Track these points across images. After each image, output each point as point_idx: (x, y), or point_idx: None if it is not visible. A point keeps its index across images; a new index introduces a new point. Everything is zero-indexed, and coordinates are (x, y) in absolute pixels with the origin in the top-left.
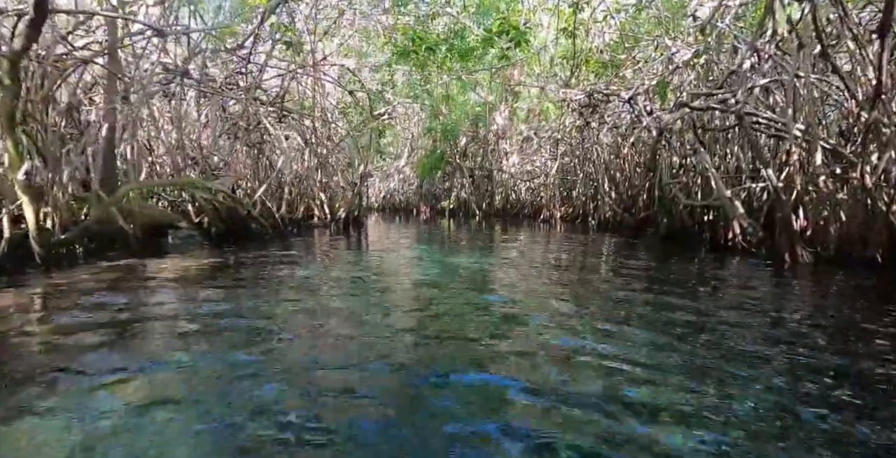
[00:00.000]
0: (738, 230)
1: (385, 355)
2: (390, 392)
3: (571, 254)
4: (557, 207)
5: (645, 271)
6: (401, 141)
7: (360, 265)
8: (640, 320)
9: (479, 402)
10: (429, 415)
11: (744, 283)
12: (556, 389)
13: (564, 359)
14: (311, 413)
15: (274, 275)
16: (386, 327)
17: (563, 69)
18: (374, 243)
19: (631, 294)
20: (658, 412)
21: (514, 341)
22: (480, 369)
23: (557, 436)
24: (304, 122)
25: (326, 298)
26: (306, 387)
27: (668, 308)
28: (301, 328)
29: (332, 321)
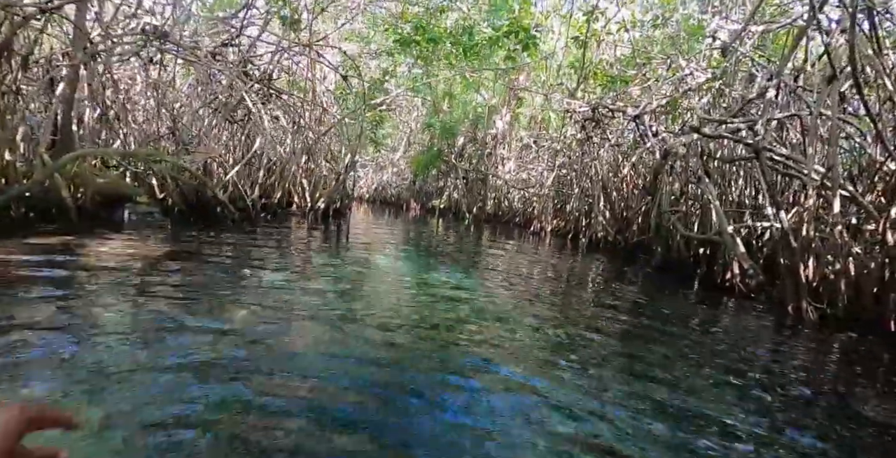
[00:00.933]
0: (737, 270)
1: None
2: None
3: (557, 278)
4: (549, 220)
5: (632, 310)
6: (399, 134)
7: (314, 274)
8: (613, 380)
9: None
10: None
11: (739, 336)
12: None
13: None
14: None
15: (208, 278)
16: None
17: (570, 79)
18: (349, 240)
19: (610, 341)
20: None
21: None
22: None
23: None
24: (294, 103)
25: (236, 332)
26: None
27: (648, 361)
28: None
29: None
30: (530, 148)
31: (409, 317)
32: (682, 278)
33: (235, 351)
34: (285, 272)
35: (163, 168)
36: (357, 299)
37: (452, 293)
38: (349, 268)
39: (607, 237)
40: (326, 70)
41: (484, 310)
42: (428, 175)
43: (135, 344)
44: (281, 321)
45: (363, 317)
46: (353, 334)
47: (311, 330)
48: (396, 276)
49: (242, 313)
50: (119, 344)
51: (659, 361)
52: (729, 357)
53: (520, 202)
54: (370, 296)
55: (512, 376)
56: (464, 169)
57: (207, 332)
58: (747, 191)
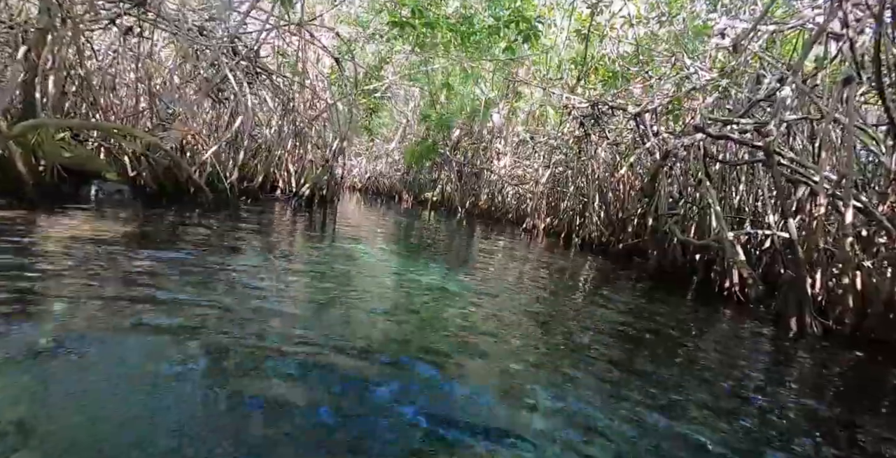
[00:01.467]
0: (736, 279)
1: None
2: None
3: (547, 281)
4: (542, 218)
5: (623, 317)
6: (395, 124)
7: (279, 266)
8: (595, 395)
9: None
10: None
11: (735, 350)
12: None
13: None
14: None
15: (162, 265)
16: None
17: (571, 76)
18: (333, 230)
19: (598, 351)
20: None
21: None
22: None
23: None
24: (282, 84)
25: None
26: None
27: (635, 372)
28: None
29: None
30: (527, 144)
31: (385, 327)
32: (678, 285)
33: (176, 355)
34: (249, 264)
35: (132, 144)
36: (327, 303)
37: (434, 296)
38: (325, 262)
39: (601, 238)
40: (321, 53)
41: (466, 318)
42: (422, 167)
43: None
44: (233, 325)
45: (332, 324)
46: (316, 346)
47: (265, 344)
48: (376, 274)
49: (190, 311)
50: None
51: (647, 373)
52: (724, 374)
53: (514, 199)
54: (344, 296)
55: (489, 390)
56: (458, 162)
57: (152, 332)
58: (748, 197)
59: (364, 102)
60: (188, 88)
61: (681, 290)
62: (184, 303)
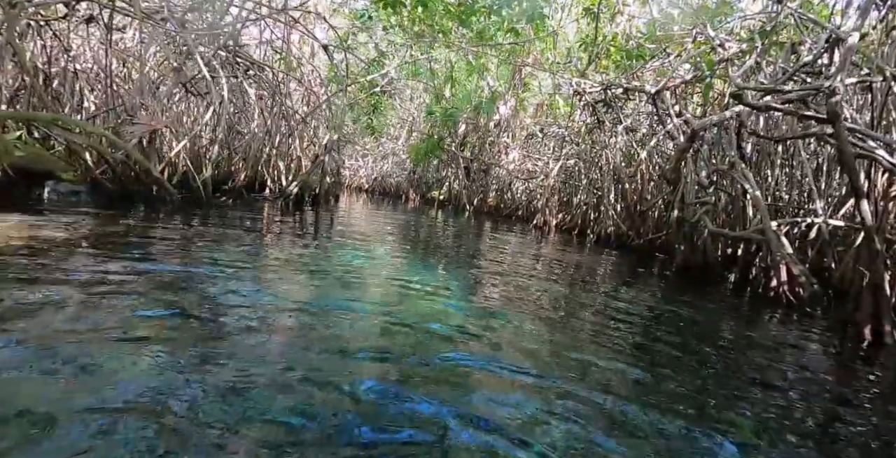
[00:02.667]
0: (784, 278)
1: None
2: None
3: (562, 280)
4: (554, 214)
5: (649, 324)
6: (401, 122)
7: (241, 277)
8: (620, 420)
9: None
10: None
11: (793, 365)
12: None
13: None
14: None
15: (97, 278)
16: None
17: (581, 61)
18: (328, 232)
19: (619, 366)
20: None
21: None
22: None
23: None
24: (268, 77)
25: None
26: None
27: (668, 393)
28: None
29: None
30: (536, 137)
31: (374, 348)
32: (710, 284)
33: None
34: (205, 276)
35: (74, 137)
36: (299, 326)
37: (431, 313)
38: (301, 273)
39: (618, 233)
40: (316, 48)
41: (470, 328)
42: (428, 164)
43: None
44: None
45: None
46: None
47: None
48: (365, 284)
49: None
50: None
51: (682, 394)
52: (783, 398)
53: (524, 194)
54: (323, 311)
55: (503, 405)
56: (465, 158)
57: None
58: (784, 181)
59: (365, 99)
60: (163, 79)
61: (715, 290)
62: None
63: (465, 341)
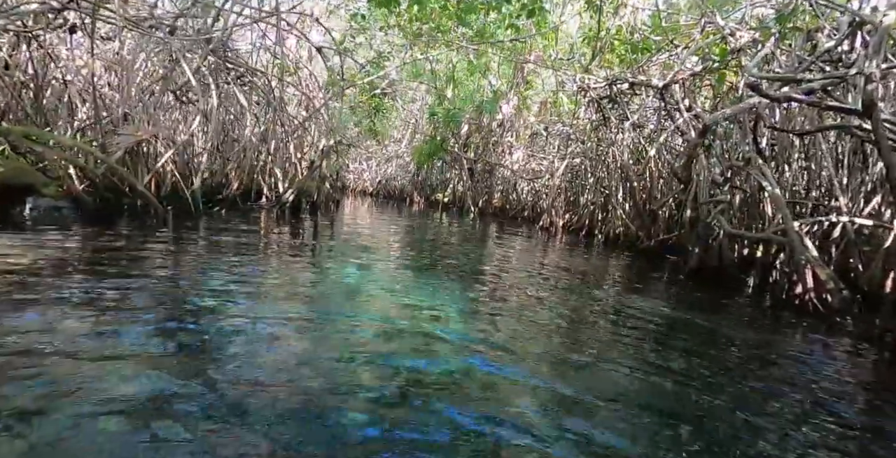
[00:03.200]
0: (809, 283)
1: None
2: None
3: (569, 289)
4: (560, 214)
5: (662, 334)
6: (403, 124)
7: (223, 297)
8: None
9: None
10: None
11: (827, 388)
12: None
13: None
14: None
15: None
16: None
17: (584, 57)
18: (316, 242)
19: (633, 386)
20: None
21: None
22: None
23: None
24: (261, 82)
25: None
26: None
27: (685, 419)
28: None
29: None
30: (540, 135)
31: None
32: (727, 289)
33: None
34: (181, 300)
35: (53, 153)
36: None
37: (427, 328)
38: (289, 287)
39: (627, 234)
40: (314, 51)
41: (469, 362)
42: (432, 166)
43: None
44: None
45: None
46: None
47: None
48: (356, 301)
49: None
50: None
51: (700, 419)
52: (815, 427)
53: (529, 195)
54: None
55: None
56: (469, 159)
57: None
58: (803, 178)
59: (365, 102)
60: (152, 88)
61: (732, 296)
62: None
63: (462, 386)
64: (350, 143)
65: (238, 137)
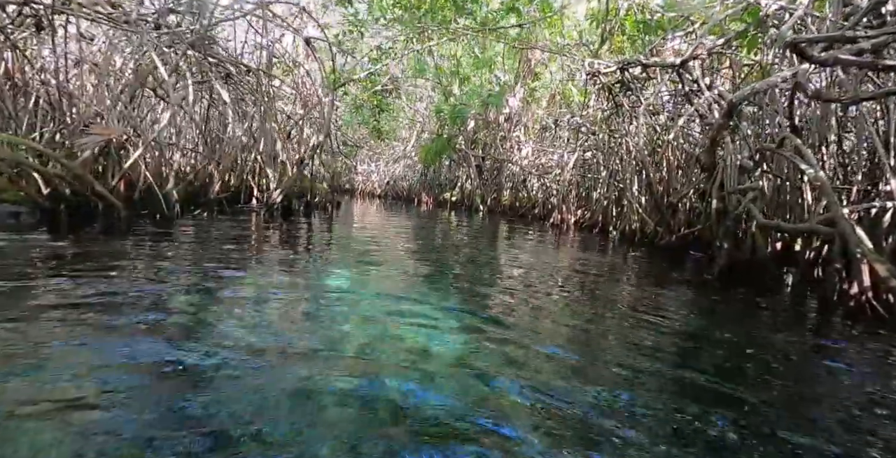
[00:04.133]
0: (867, 282)
1: None
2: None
3: (582, 295)
4: (572, 210)
5: (693, 351)
6: (409, 123)
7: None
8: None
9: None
10: None
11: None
12: None
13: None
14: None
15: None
16: None
17: (593, 39)
18: (319, 245)
19: (659, 422)
20: None
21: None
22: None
23: None
24: (247, 79)
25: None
26: None
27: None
28: None
29: None
30: (550, 129)
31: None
32: (762, 289)
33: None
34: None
35: (8, 154)
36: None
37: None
38: (267, 306)
39: (644, 230)
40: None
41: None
42: (440, 165)
43: None
44: None
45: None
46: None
47: None
48: (329, 334)
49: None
50: None
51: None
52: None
53: (539, 191)
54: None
55: None
56: (476, 156)
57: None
58: (842, 158)
59: (367, 100)
60: (126, 85)
61: (770, 297)
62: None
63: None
64: (355, 143)
65: (223, 135)
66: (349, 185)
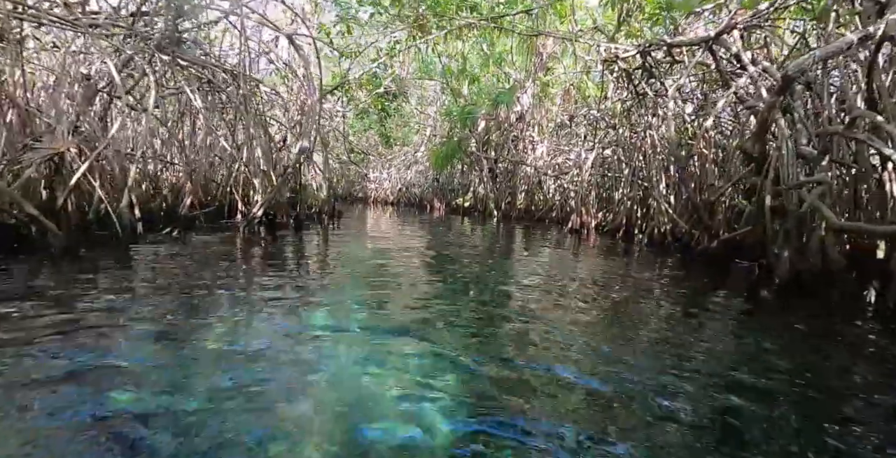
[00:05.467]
0: None
1: None
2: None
3: (610, 316)
4: (592, 213)
5: (764, 403)
6: (419, 127)
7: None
8: None
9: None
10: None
11: None
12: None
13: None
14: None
15: None
16: None
17: (608, 24)
18: (313, 265)
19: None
20: None
21: None
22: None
23: None
24: (222, 80)
25: None
26: None
27: None
28: None
29: None
30: (565, 126)
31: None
32: (837, 308)
33: None
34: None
35: None
36: None
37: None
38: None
39: (675, 233)
40: (307, 52)
41: None
42: (453, 169)
43: None
44: None
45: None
46: None
47: None
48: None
49: None
50: None
51: None
52: None
53: (556, 193)
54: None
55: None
56: (489, 159)
57: None
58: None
59: (371, 104)
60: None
61: (853, 324)
62: None
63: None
64: (361, 150)
65: (200, 144)
66: (362, 193)
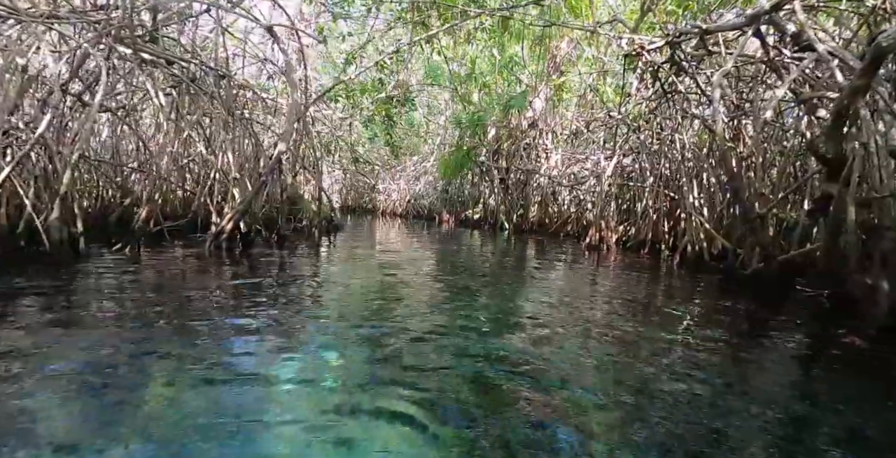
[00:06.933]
0: None
1: None
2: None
3: (643, 369)
4: (612, 227)
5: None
6: (429, 136)
7: None
8: None
9: None
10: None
11: None
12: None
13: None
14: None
15: None
16: None
17: (630, 12)
18: (295, 292)
19: None
20: None
21: None
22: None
23: None
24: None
25: None
26: None
27: None
28: None
29: None
30: (581, 133)
31: None
32: None
33: None
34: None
35: None
36: None
37: None
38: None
39: (713, 252)
40: (308, 52)
41: None
42: (463, 179)
43: None
44: None
45: None
46: None
47: None
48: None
49: None
50: None
51: None
52: None
53: (572, 205)
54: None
55: None
56: (500, 169)
57: None
58: None
59: (375, 109)
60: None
61: None
62: None
63: None
64: (367, 160)
65: (158, 147)
66: (371, 204)
